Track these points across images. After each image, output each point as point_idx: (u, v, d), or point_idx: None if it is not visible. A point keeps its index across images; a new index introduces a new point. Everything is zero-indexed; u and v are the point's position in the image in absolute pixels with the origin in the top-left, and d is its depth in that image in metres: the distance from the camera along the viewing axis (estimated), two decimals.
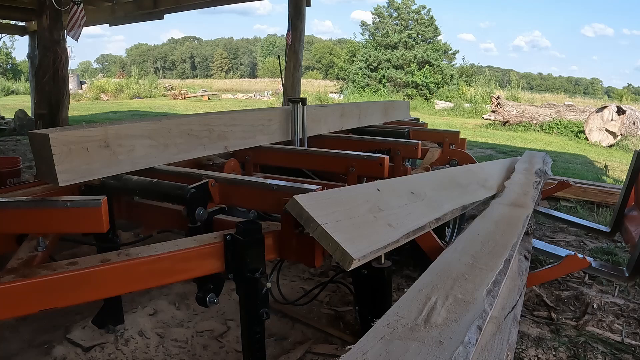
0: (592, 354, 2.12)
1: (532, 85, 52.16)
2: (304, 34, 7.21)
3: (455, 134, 3.94)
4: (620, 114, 10.86)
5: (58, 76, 5.38)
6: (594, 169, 7.41)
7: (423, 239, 2.09)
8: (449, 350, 1.13)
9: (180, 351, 2.05)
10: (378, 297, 1.89)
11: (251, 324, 1.61)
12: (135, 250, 1.47)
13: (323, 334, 2.21)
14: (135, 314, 2.27)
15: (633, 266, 2.42)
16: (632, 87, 47.04)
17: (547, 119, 12.74)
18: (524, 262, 2.05)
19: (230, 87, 33.82)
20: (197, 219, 1.76)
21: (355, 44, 32.03)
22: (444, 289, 1.47)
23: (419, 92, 24.13)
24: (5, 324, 2.17)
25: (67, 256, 2.02)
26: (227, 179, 1.98)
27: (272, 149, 2.91)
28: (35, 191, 1.89)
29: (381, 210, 1.84)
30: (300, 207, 1.56)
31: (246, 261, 1.57)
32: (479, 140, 9.93)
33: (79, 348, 2.03)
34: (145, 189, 1.93)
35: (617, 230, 3.12)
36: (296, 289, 2.66)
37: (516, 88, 19.36)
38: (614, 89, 42.22)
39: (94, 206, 1.39)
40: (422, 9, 27.71)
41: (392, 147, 3.17)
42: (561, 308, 2.54)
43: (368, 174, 2.70)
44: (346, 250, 1.45)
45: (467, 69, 30.49)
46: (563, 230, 3.92)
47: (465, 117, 16.24)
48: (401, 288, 2.69)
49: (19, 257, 1.46)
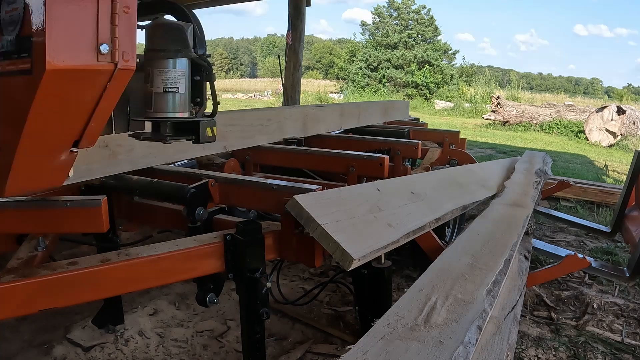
0: (592, 354, 2.12)
1: (532, 85, 52.19)
2: (304, 34, 7.22)
3: (455, 134, 3.94)
4: (620, 114, 10.86)
5: None
6: (594, 169, 7.41)
7: (423, 239, 2.09)
8: (449, 350, 1.13)
9: (180, 351, 2.05)
10: (378, 297, 1.89)
11: (251, 324, 1.61)
12: (135, 250, 1.47)
13: (323, 334, 2.21)
14: (135, 314, 2.27)
15: (633, 266, 2.42)
16: (632, 87, 47.08)
17: (547, 118, 12.74)
18: (524, 262, 2.05)
19: (230, 87, 33.79)
20: (197, 219, 1.76)
21: (355, 43, 32.09)
22: (444, 289, 1.47)
23: (419, 92, 24.13)
24: (5, 324, 2.17)
25: (67, 256, 2.03)
26: (227, 179, 1.98)
27: (272, 148, 2.90)
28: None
29: (381, 210, 1.84)
30: (300, 207, 1.56)
31: (246, 261, 1.57)
32: (479, 140, 9.93)
33: (79, 348, 2.03)
34: (145, 189, 1.92)
35: (617, 230, 3.12)
36: (296, 289, 2.66)
37: (516, 88, 19.38)
38: (614, 89, 42.24)
39: (94, 206, 1.39)
40: (422, 8, 27.74)
41: (392, 147, 3.17)
42: (561, 308, 2.54)
43: (368, 174, 2.70)
44: (346, 250, 1.46)
45: (467, 68, 30.53)
46: (563, 230, 3.92)
47: (465, 117, 16.25)
48: (401, 288, 2.69)
49: (19, 257, 1.46)
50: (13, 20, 0.90)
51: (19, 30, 0.89)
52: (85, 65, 0.89)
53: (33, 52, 0.87)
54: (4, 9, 0.92)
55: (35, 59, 0.86)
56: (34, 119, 0.92)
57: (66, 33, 0.86)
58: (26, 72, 0.89)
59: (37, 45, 0.85)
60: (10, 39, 0.91)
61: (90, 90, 0.96)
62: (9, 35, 0.91)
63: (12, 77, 0.93)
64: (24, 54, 0.89)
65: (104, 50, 0.90)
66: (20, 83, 0.91)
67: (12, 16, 0.90)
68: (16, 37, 0.90)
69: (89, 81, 0.94)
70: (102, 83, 0.96)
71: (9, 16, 0.90)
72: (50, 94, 0.89)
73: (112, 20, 0.90)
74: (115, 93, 1.00)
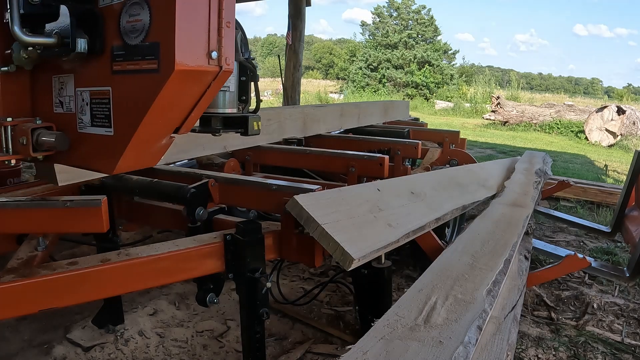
0: (592, 354, 2.12)
1: (532, 85, 52.18)
2: (304, 34, 7.22)
3: (455, 134, 3.94)
4: (620, 113, 10.86)
5: None
6: (594, 169, 7.41)
7: (423, 239, 2.09)
8: (449, 350, 1.13)
9: (180, 351, 2.05)
10: (378, 297, 1.89)
11: (251, 324, 1.61)
12: (135, 250, 1.47)
13: (323, 334, 2.21)
14: (135, 314, 2.27)
15: (633, 266, 2.42)
16: (632, 87, 47.06)
17: (547, 118, 12.74)
18: (524, 262, 2.05)
19: None
20: (197, 219, 1.76)
21: (355, 43, 32.10)
22: (444, 289, 1.47)
23: (419, 92, 24.13)
24: (5, 324, 2.17)
25: (67, 256, 2.03)
26: (227, 179, 1.98)
27: (272, 148, 2.91)
28: (35, 191, 1.89)
29: (381, 210, 1.84)
30: (300, 207, 1.56)
31: (246, 261, 1.57)
32: (479, 140, 9.93)
33: (79, 348, 2.03)
34: (145, 189, 1.92)
35: (617, 230, 3.12)
36: (296, 289, 2.66)
37: (516, 88, 19.39)
38: (614, 89, 42.26)
39: (94, 206, 1.38)
40: (422, 8, 27.73)
41: (392, 147, 3.17)
42: (561, 308, 2.54)
43: (368, 174, 2.70)
44: (346, 250, 1.45)
45: (467, 68, 30.53)
46: (563, 230, 3.92)
47: (465, 117, 16.25)
48: (401, 288, 2.69)
49: (19, 257, 1.46)
50: (136, 29, 1.09)
51: (144, 37, 1.08)
52: (200, 67, 1.10)
53: (160, 55, 1.06)
54: (125, 20, 1.11)
55: (163, 60, 1.06)
56: (154, 110, 1.11)
57: (189, 42, 1.07)
58: (152, 71, 1.07)
59: (165, 49, 1.05)
60: (134, 44, 1.10)
61: (199, 87, 1.17)
62: (131, 40, 1.10)
63: (135, 75, 1.11)
64: (150, 57, 1.08)
65: (214, 55, 1.12)
66: (145, 80, 1.10)
67: (135, 26, 1.09)
68: (141, 42, 1.09)
69: (200, 80, 1.15)
70: (208, 81, 1.17)
71: (132, 25, 1.10)
72: (172, 89, 1.09)
73: (219, 32, 1.12)
74: (215, 90, 1.21)
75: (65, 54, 1.17)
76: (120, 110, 1.17)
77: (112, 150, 1.20)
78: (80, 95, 1.25)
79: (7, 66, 1.27)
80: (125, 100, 1.16)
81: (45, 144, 1.26)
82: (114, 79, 1.17)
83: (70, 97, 1.28)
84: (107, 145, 1.21)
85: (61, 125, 1.29)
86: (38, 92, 1.36)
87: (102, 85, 1.19)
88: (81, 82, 1.25)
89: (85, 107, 1.24)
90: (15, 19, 1.12)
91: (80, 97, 1.25)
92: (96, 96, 1.21)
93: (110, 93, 1.18)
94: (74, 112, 1.27)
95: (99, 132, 1.22)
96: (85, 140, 1.25)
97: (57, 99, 1.31)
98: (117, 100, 1.17)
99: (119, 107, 1.18)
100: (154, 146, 1.27)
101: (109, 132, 1.20)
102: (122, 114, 1.17)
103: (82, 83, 1.25)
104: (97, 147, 1.23)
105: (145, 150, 1.25)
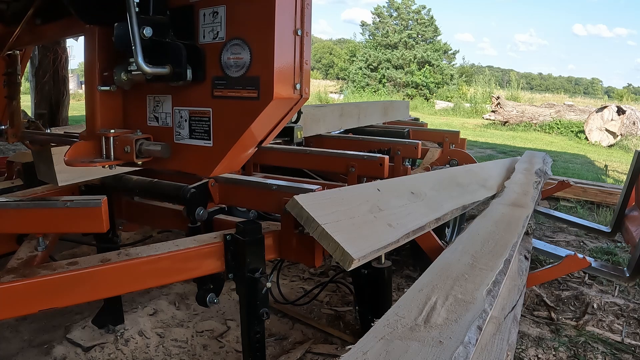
0: (592, 354, 2.12)
1: (532, 85, 52.20)
2: None
3: (455, 134, 3.94)
4: (620, 114, 10.86)
5: (58, 76, 5.40)
6: (594, 169, 7.41)
7: (423, 239, 2.09)
8: (449, 350, 1.13)
9: (180, 351, 2.05)
10: (378, 297, 1.89)
11: (251, 324, 1.61)
12: (135, 250, 1.47)
13: (323, 334, 2.21)
14: (135, 314, 2.27)
15: (633, 266, 2.42)
16: (632, 87, 47.06)
17: (547, 119, 12.74)
18: (524, 262, 2.05)
19: None
20: (197, 219, 1.76)
21: (355, 43, 32.06)
22: (444, 289, 1.47)
23: (419, 92, 24.12)
24: (5, 324, 2.17)
25: (67, 256, 2.03)
26: (227, 179, 1.98)
27: (272, 149, 2.90)
28: (35, 191, 1.89)
29: (381, 210, 1.84)
30: (300, 207, 1.56)
31: (246, 261, 1.57)
32: (479, 140, 9.93)
33: (79, 348, 2.03)
34: (145, 189, 1.92)
35: (617, 230, 3.12)
36: (296, 289, 2.66)
37: (516, 88, 19.38)
38: (614, 89, 42.27)
39: (94, 206, 1.38)
40: (422, 8, 27.69)
41: (392, 147, 3.17)
42: (561, 308, 2.54)
43: (368, 174, 2.70)
44: (346, 250, 1.45)
45: (467, 69, 30.53)
46: (563, 230, 3.92)
47: (465, 117, 16.25)
48: (401, 288, 2.69)
49: (19, 257, 1.46)
50: (238, 65, 1.32)
51: (245, 71, 1.31)
52: (289, 96, 1.35)
53: (260, 86, 1.29)
54: (226, 56, 1.34)
55: (262, 91, 1.29)
56: (250, 128, 1.35)
57: (282, 77, 1.31)
58: (253, 98, 1.31)
59: (265, 82, 1.29)
60: (235, 76, 1.33)
61: (284, 111, 1.42)
62: (233, 73, 1.33)
63: (236, 101, 1.34)
64: (250, 87, 1.31)
65: (297, 87, 1.36)
66: (245, 105, 1.33)
67: (237, 62, 1.32)
68: (242, 75, 1.32)
69: (286, 106, 1.40)
70: (290, 107, 1.42)
71: (234, 61, 1.33)
72: (267, 113, 1.32)
73: (301, 69, 1.37)
74: (293, 112, 1.48)
75: (176, 81, 1.37)
76: (220, 127, 1.39)
77: (210, 159, 1.43)
78: (178, 112, 1.47)
79: (108, 86, 1.48)
80: (225, 120, 1.38)
81: (148, 152, 1.45)
82: (215, 102, 1.38)
83: (167, 114, 1.49)
84: (206, 155, 1.43)
85: (156, 136, 1.50)
86: (130, 108, 1.56)
87: (203, 106, 1.41)
88: (180, 102, 1.46)
89: (183, 123, 1.46)
90: (139, 52, 1.29)
91: (178, 114, 1.47)
92: (196, 114, 1.43)
93: (210, 113, 1.40)
94: (171, 126, 1.48)
95: (198, 144, 1.44)
96: (183, 150, 1.47)
97: (152, 114, 1.53)
98: (217, 119, 1.39)
99: (219, 124, 1.39)
100: (243, 155, 1.50)
101: (207, 144, 1.42)
102: (221, 130, 1.39)
103: (181, 103, 1.46)
104: (195, 155, 1.45)
105: (237, 158, 1.48)
